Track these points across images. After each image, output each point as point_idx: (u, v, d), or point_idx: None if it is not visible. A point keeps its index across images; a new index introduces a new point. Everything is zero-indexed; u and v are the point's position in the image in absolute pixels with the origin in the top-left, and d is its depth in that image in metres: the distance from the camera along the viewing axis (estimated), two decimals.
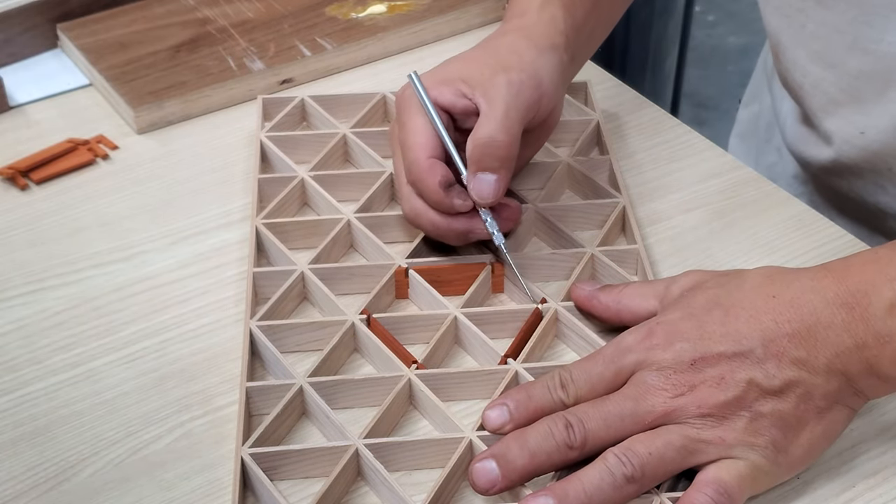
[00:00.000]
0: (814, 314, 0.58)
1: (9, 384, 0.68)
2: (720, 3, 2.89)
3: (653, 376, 0.59)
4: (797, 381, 0.58)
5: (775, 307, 0.59)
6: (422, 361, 0.66)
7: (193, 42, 0.96)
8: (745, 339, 0.58)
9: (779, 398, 0.58)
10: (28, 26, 0.97)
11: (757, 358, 0.58)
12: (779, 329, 0.58)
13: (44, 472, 0.63)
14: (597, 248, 0.74)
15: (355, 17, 0.99)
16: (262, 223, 0.76)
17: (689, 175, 0.84)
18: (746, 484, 0.58)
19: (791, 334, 0.58)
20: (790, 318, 0.59)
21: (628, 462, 0.57)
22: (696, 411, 0.58)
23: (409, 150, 0.71)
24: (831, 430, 0.60)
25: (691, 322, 0.60)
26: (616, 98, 0.92)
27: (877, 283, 0.58)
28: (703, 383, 0.58)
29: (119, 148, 0.87)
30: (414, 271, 0.72)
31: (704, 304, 0.61)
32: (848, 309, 0.58)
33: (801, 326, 0.58)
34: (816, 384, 0.58)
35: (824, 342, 0.58)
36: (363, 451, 0.61)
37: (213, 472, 0.62)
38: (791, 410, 0.58)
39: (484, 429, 0.62)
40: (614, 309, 0.67)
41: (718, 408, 0.58)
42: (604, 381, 0.60)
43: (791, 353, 0.58)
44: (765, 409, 0.58)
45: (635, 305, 0.67)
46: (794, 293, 0.59)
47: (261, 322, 0.69)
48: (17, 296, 0.74)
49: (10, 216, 0.81)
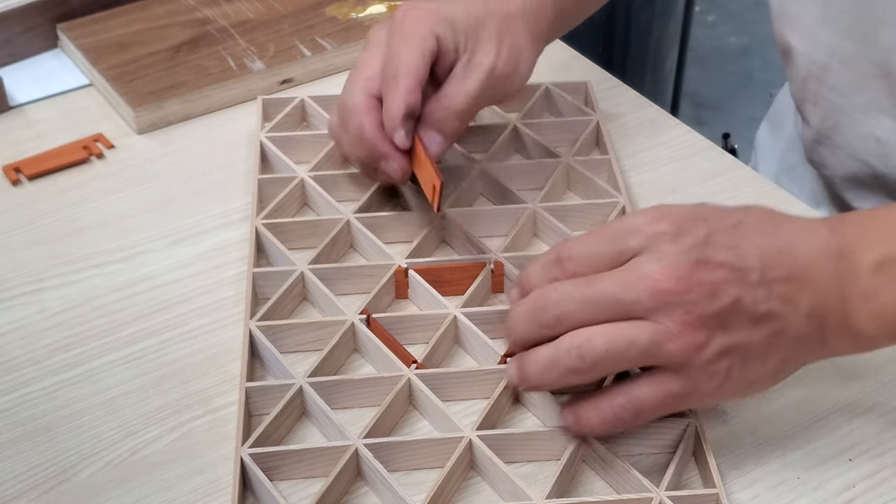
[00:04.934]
0: (809, 256, 0.58)
1: (9, 384, 0.68)
2: (720, 3, 2.89)
3: (651, 265, 0.57)
4: (777, 315, 0.58)
5: (778, 237, 0.59)
6: (421, 361, 0.66)
7: (193, 42, 0.96)
8: (748, 258, 0.58)
9: (754, 327, 0.58)
10: (28, 26, 0.97)
11: (752, 280, 0.57)
12: (778, 259, 0.58)
13: (44, 472, 0.63)
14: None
15: (355, 17, 0.99)
16: (261, 223, 0.76)
17: (689, 175, 0.84)
18: (667, 405, 0.58)
19: (788, 267, 0.58)
20: (790, 252, 0.58)
21: (580, 357, 0.57)
22: (682, 315, 0.56)
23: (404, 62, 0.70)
24: (781, 371, 0.60)
25: (701, 221, 0.58)
26: (616, 98, 0.92)
27: (867, 238, 0.59)
28: (697, 287, 0.56)
29: (118, 148, 0.87)
30: (414, 271, 0.72)
31: (714, 210, 0.60)
32: (839, 258, 0.58)
33: (797, 264, 0.58)
34: (792, 324, 0.58)
35: (814, 285, 0.58)
36: (363, 451, 0.61)
37: (213, 472, 0.62)
38: (759, 344, 0.58)
39: (484, 429, 0.62)
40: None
41: (700, 318, 0.56)
42: (603, 261, 0.59)
43: (782, 286, 0.58)
44: (737, 334, 0.57)
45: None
46: (796, 229, 0.59)
47: (260, 322, 0.69)
48: (17, 296, 0.74)
49: (10, 216, 0.81)
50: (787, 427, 0.64)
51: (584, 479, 0.62)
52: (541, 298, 0.59)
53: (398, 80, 0.70)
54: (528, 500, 0.59)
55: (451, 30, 0.72)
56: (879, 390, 0.66)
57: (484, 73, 0.73)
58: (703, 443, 0.62)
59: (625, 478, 0.60)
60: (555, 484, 0.59)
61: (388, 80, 0.71)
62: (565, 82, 0.89)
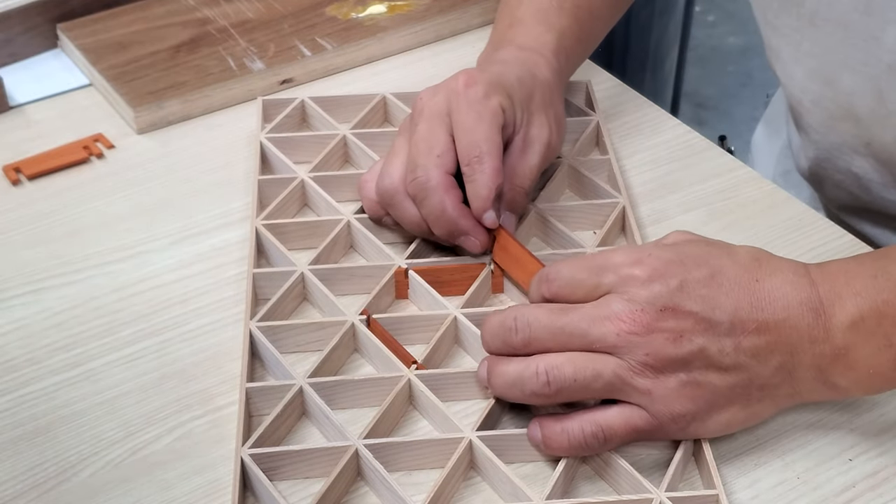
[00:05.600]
0: (786, 310, 0.59)
1: (9, 384, 0.68)
2: (720, 3, 2.89)
3: (620, 304, 0.59)
4: (744, 367, 0.59)
5: (755, 291, 0.59)
6: (421, 362, 0.66)
7: (193, 42, 0.96)
8: (719, 310, 0.59)
9: (720, 374, 0.59)
10: (28, 26, 0.97)
11: (720, 331, 0.58)
12: (751, 314, 0.59)
13: (44, 473, 0.63)
14: (596, 248, 0.74)
15: (355, 17, 0.99)
16: (261, 224, 0.76)
17: (689, 175, 0.84)
18: (633, 437, 0.60)
19: (760, 322, 0.59)
20: (764, 307, 0.59)
21: (547, 383, 0.59)
22: (643, 357, 0.58)
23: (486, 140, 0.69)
24: (751, 419, 0.61)
25: (678, 269, 0.60)
26: (616, 98, 0.92)
27: (843, 295, 0.59)
28: (661, 332, 0.58)
29: (118, 148, 0.87)
30: (414, 272, 0.72)
31: (696, 258, 0.61)
32: (815, 315, 0.59)
33: (772, 319, 0.59)
34: (761, 374, 0.59)
35: (786, 340, 0.59)
36: (363, 451, 0.61)
37: (213, 473, 0.62)
38: (725, 390, 0.59)
39: (484, 429, 0.62)
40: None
41: (662, 361, 0.58)
42: (582, 290, 0.61)
43: (752, 340, 0.59)
44: (702, 379, 0.59)
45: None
46: (776, 284, 0.60)
47: (261, 322, 0.69)
48: (17, 296, 0.74)
49: (10, 216, 0.81)
50: (787, 427, 0.64)
51: (584, 479, 0.62)
52: (512, 320, 0.61)
53: (484, 162, 0.69)
54: (528, 501, 0.59)
55: (510, 102, 0.72)
56: None
57: (543, 147, 0.73)
58: (703, 443, 0.62)
59: (625, 478, 0.60)
60: (555, 484, 0.59)
61: (472, 160, 0.69)
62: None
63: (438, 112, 0.71)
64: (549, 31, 0.80)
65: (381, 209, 0.74)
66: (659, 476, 0.61)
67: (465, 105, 0.70)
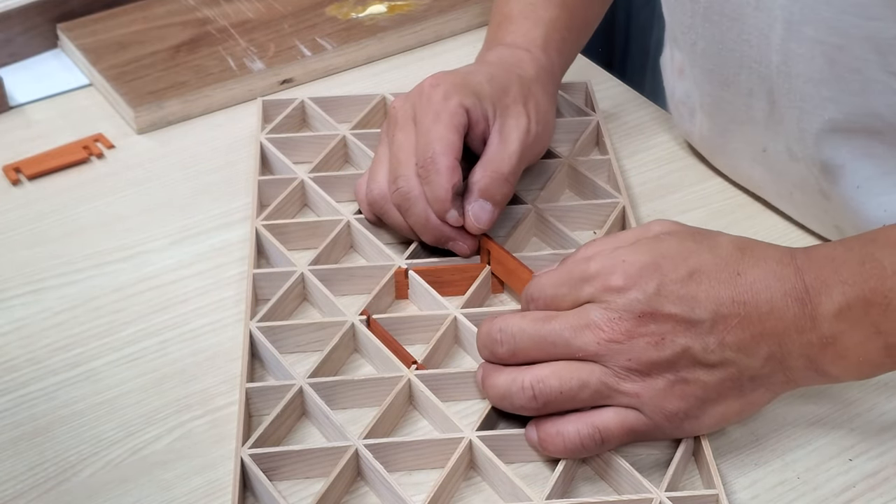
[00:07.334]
0: (769, 302, 0.59)
1: (9, 384, 0.68)
2: None
3: (598, 313, 0.59)
4: (731, 362, 0.59)
5: (737, 285, 0.59)
6: (421, 362, 0.66)
7: (193, 42, 0.96)
8: (699, 309, 0.58)
9: (708, 371, 0.59)
10: (28, 26, 0.97)
11: (703, 330, 0.58)
12: (733, 309, 0.58)
13: (44, 472, 0.63)
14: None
15: (355, 17, 0.99)
16: (261, 224, 0.76)
17: (689, 175, 0.84)
18: (630, 438, 0.60)
19: (743, 317, 0.58)
20: (746, 301, 0.59)
21: (533, 397, 0.59)
22: (625, 362, 0.58)
23: (439, 140, 0.70)
24: (748, 409, 0.61)
25: (654, 273, 0.59)
26: (616, 98, 0.92)
27: (830, 283, 0.58)
28: (641, 336, 0.58)
29: (118, 148, 0.87)
30: (414, 272, 0.72)
31: (673, 257, 0.60)
32: (801, 304, 0.58)
33: (755, 312, 0.58)
34: (750, 366, 0.59)
35: (772, 332, 0.58)
36: (363, 451, 0.61)
37: (213, 473, 0.62)
38: (715, 385, 0.59)
39: (484, 429, 0.62)
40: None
41: (646, 365, 0.58)
42: (564, 300, 0.61)
43: (736, 334, 0.58)
44: (690, 377, 0.59)
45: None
46: (758, 275, 0.59)
47: (261, 323, 0.69)
48: (17, 296, 0.74)
49: (10, 216, 0.81)
50: (787, 427, 0.64)
51: (583, 479, 0.62)
52: (497, 332, 0.61)
53: (437, 162, 0.70)
54: (528, 501, 0.59)
55: (477, 99, 0.72)
56: (879, 390, 0.66)
57: (521, 133, 0.73)
58: (703, 443, 0.62)
59: (625, 478, 0.60)
60: (555, 484, 0.59)
61: (427, 161, 0.70)
62: (565, 82, 0.89)
63: (409, 118, 0.73)
64: (536, 27, 0.80)
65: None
66: (659, 476, 0.61)
67: (426, 108, 0.71)
